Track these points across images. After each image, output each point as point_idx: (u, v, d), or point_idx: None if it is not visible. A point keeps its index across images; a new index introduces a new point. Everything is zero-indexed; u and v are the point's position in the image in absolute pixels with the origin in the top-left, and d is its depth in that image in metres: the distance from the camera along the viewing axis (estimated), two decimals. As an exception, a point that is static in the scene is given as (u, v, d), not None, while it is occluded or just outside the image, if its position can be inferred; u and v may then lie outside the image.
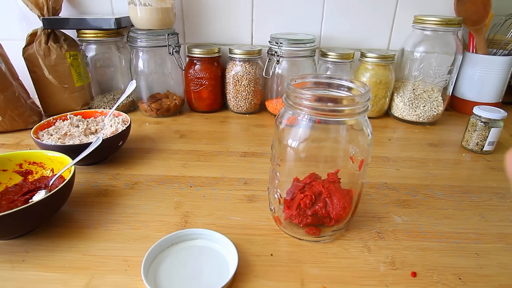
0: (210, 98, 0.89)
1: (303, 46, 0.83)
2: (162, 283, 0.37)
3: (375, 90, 0.85)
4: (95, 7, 0.92)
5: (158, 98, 0.88)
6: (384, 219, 0.50)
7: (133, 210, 0.51)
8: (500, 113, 0.67)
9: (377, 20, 0.93)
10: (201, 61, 0.86)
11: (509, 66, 0.85)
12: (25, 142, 0.73)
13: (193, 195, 0.55)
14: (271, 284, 0.38)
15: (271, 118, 0.89)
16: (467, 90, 0.91)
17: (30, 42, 0.81)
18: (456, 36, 0.81)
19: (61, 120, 0.67)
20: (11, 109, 0.75)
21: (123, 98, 0.72)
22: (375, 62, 0.84)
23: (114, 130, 0.64)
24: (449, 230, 0.48)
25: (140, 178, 0.59)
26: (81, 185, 0.57)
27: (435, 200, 0.55)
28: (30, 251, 0.42)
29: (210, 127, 0.83)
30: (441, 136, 0.80)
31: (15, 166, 0.52)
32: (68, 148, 0.57)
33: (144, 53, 0.84)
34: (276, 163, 0.45)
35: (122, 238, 0.45)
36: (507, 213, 0.52)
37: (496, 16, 0.88)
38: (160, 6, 0.79)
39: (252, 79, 0.86)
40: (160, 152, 0.69)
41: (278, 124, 0.43)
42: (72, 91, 0.85)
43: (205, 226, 0.46)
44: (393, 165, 0.66)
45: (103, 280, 0.38)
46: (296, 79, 0.43)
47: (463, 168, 0.65)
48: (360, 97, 0.38)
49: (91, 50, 0.87)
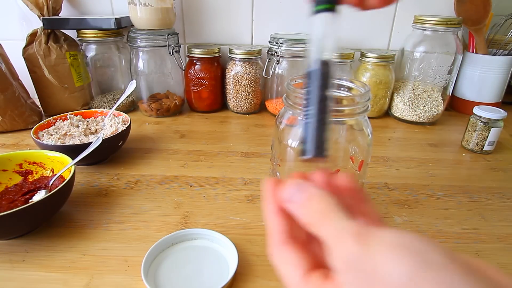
0: (210, 98, 0.89)
1: (303, 46, 0.83)
2: (162, 283, 0.37)
3: (375, 90, 0.85)
4: (95, 7, 0.92)
5: (158, 98, 0.88)
6: (384, 219, 0.49)
7: (133, 210, 0.51)
8: (500, 113, 0.67)
9: (377, 20, 0.93)
10: (201, 61, 0.86)
11: (509, 66, 0.85)
12: (25, 142, 0.73)
13: (193, 195, 0.54)
14: (271, 284, 0.38)
15: (271, 118, 0.89)
16: (467, 90, 0.91)
17: (30, 42, 0.80)
18: (456, 36, 0.81)
19: (61, 120, 0.67)
20: (11, 109, 0.75)
21: (123, 98, 0.72)
22: (375, 62, 0.83)
23: (114, 130, 0.64)
24: (449, 230, 0.48)
25: (140, 178, 0.59)
26: (81, 185, 0.57)
27: (435, 200, 0.55)
28: (30, 251, 0.42)
29: (210, 127, 0.83)
30: (441, 136, 0.80)
31: (15, 166, 0.52)
32: (68, 148, 0.57)
33: (144, 53, 0.84)
34: (276, 163, 0.45)
35: (122, 238, 0.45)
36: (507, 213, 0.52)
37: (496, 16, 0.88)
38: (160, 6, 0.79)
39: (252, 79, 0.86)
40: (160, 152, 0.69)
41: (278, 124, 0.43)
42: (72, 91, 0.85)
43: (205, 226, 0.46)
44: (393, 165, 0.66)
45: (103, 280, 0.38)
46: (296, 79, 0.43)
47: (463, 168, 0.65)
48: (360, 97, 0.38)
49: (91, 50, 0.87)
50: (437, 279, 0.14)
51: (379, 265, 0.15)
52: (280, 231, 0.20)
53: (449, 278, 0.14)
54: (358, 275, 0.16)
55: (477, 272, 0.14)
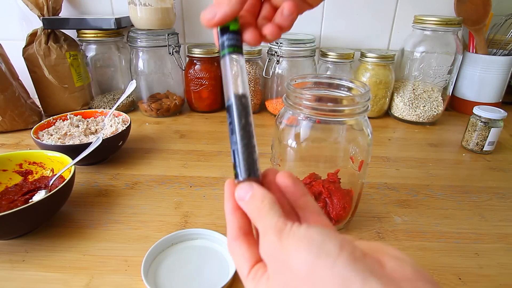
0: (210, 98, 0.89)
1: (303, 46, 0.83)
2: (162, 283, 0.37)
3: (375, 90, 0.85)
4: (95, 7, 0.92)
5: (158, 98, 0.88)
6: (384, 219, 0.50)
7: (133, 210, 0.51)
8: (500, 113, 0.67)
9: (377, 20, 0.93)
10: (201, 61, 0.86)
11: (509, 66, 0.85)
12: (25, 142, 0.73)
13: (193, 195, 0.54)
14: (271, 284, 0.38)
15: (271, 118, 0.89)
16: (467, 90, 0.91)
17: (30, 42, 0.80)
18: (456, 36, 0.81)
19: (61, 120, 0.67)
20: (11, 109, 0.75)
21: (123, 98, 0.72)
22: (375, 62, 0.83)
23: (114, 130, 0.64)
24: (449, 230, 0.48)
25: (140, 178, 0.59)
26: (81, 185, 0.57)
27: (435, 200, 0.55)
28: (30, 251, 0.42)
29: (210, 127, 0.83)
30: (441, 136, 0.80)
31: (15, 166, 0.52)
32: (68, 148, 0.57)
33: (144, 53, 0.84)
34: (276, 163, 0.45)
35: (122, 238, 0.45)
36: (507, 213, 0.52)
37: (496, 16, 0.88)
38: (160, 6, 0.79)
39: (252, 79, 0.86)
40: (160, 152, 0.69)
41: (278, 124, 0.43)
42: (72, 91, 0.85)
43: (205, 226, 0.46)
44: (393, 165, 0.66)
45: (103, 280, 0.38)
46: (296, 79, 0.43)
47: (463, 168, 0.65)
48: (360, 97, 0.38)
49: (91, 50, 0.87)
50: (329, 265, 0.17)
51: (289, 256, 0.18)
52: (235, 227, 0.23)
53: (338, 264, 0.16)
54: (277, 265, 0.19)
55: (363, 258, 0.17)
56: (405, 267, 0.17)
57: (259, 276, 0.20)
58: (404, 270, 0.17)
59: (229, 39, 0.27)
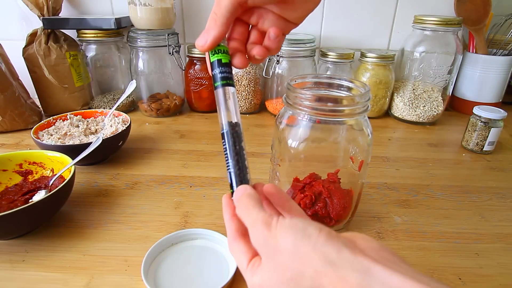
0: (210, 98, 0.89)
1: (303, 46, 0.83)
2: (162, 283, 0.37)
3: (375, 90, 0.85)
4: (95, 7, 0.92)
5: (158, 98, 0.88)
6: (384, 219, 0.50)
7: (133, 210, 0.51)
8: (500, 113, 0.67)
9: (377, 20, 0.93)
10: (201, 61, 0.86)
11: (509, 66, 0.85)
12: (25, 142, 0.73)
13: (193, 195, 0.55)
14: (271, 284, 0.38)
15: (271, 118, 0.89)
16: (467, 90, 0.91)
17: (30, 42, 0.81)
18: (456, 36, 0.81)
19: (61, 120, 0.67)
20: (11, 109, 0.75)
21: (123, 98, 0.72)
22: (375, 62, 0.83)
23: (114, 130, 0.64)
24: (449, 230, 0.48)
25: (140, 178, 0.59)
26: (81, 185, 0.57)
27: (435, 200, 0.55)
28: (30, 251, 0.42)
29: (210, 127, 0.83)
30: (441, 136, 0.80)
31: (15, 166, 0.52)
32: (68, 148, 0.57)
33: (144, 53, 0.84)
34: (276, 163, 0.45)
35: (122, 238, 0.45)
36: (507, 213, 0.52)
37: (496, 16, 0.88)
38: (160, 6, 0.79)
39: (252, 79, 0.86)
40: (160, 152, 0.69)
41: (278, 124, 0.43)
42: (72, 91, 0.85)
43: (205, 226, 0.46)
44: (393, 165, 0.66)
45: (103, 280, 0.38)
46: (296, 79, 0.43)
47: (463, 168, 0.65)
48: (360, 97, 0.38)
49: (91, 50, 0.87)
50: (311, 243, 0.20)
51: (278, 241, 0.22)
52: (233, 230, 0.26)
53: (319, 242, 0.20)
54: (269, 250, 0.22)
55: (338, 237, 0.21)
56: (373, 243, 0.22)
57: (256, 266, 0.24)
58: (372, 244, 0.21)
59: (222, 72, 0.31)
